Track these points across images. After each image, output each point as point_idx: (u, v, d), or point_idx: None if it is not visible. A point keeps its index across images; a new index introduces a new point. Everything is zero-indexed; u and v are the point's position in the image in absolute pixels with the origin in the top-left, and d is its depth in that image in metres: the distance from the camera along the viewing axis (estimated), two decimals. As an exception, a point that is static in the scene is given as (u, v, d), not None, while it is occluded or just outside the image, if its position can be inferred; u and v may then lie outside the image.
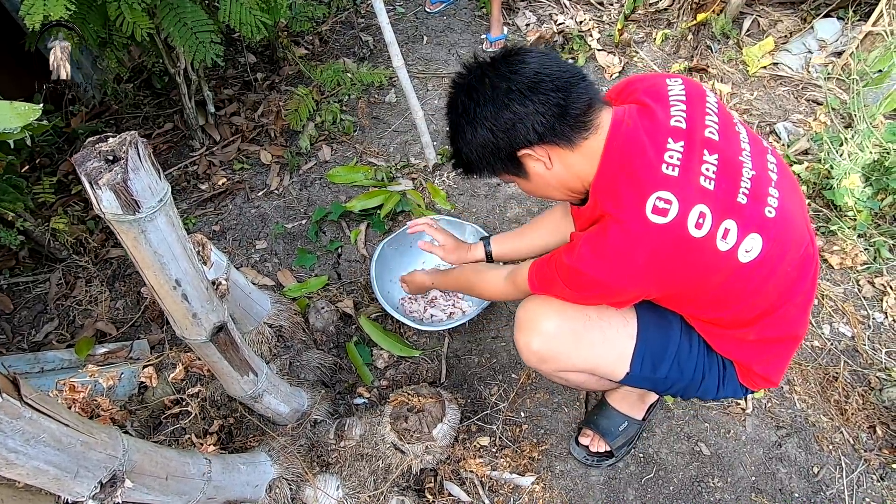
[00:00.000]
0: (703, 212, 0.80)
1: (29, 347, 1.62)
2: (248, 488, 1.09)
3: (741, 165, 0.86)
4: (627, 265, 0.84)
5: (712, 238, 0.81)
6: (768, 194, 0.87)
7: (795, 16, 2.51)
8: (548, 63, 0.87)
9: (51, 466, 0.63)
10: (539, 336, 1.01)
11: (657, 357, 1.01)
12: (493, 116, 0.87)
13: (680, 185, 0.81)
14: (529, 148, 0.88)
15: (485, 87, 0.87)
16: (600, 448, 1.30)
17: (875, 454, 1.33)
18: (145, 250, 0.72)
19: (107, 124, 2.21)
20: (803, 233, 0.92)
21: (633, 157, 0.84)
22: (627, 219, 0.82)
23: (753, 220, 0.84)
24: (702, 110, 0.88)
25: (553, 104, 0.84)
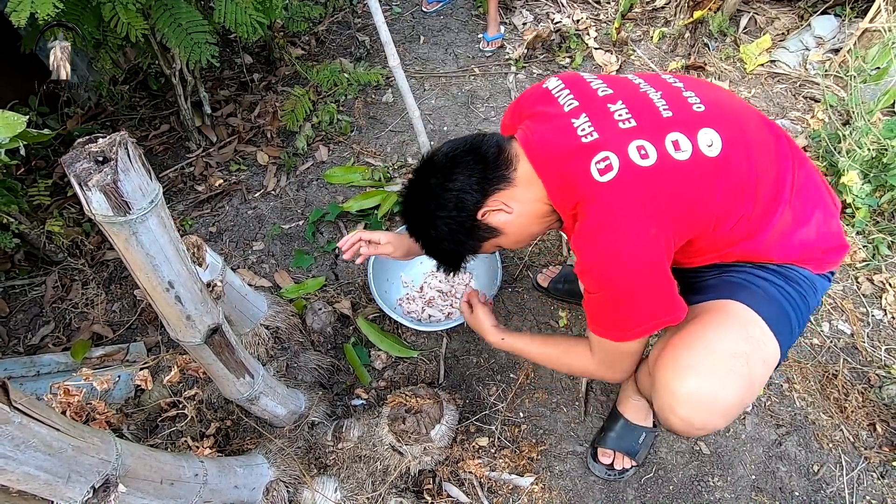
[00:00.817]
0: (640, 144, 0.85)
1: (25, 351, 1.61)
2: (244, 491, 1.09)
3: (646, 94, 0.92)
4: (615, 225, 0.85)
5: (665, 157, 0.84)
6: (685, 98, 0.91)
7: (793, 13, 2.50)
8: (452, 143, 0.99)
9: (42, 472, 0.62)
10: (722, 415, 0.87)
11: (785, 321, 0.94)
12: (439, 206, 0.97)
13: (605, 141, 0.86)
14: (483, 207, 0.96)
15: (419, 193, 1.00)
16: (626, 465, 1.29)
17: (875, 452, 1.32)
18: (137, 252, 0.71)
19: (103, 126, 2.20)
20: (744, 108, 0.95)
21: (556, 152, 0.91)
22: (588, 195, 0.86)
23: (691, 121, 0.87)
24: (584, 84, 0.96)
25: (473, 164, 0.95)
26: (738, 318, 0.92)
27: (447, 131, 2.18)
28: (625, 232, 0.84)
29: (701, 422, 0.87)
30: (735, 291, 0.95)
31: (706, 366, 0.86)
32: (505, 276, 1.66)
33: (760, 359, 0.89)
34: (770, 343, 0.91)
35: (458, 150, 0.97)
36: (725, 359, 0.86)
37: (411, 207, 1.03)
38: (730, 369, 0.85)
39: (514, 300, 1.64)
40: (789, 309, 0.95)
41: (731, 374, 0.85)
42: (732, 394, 0.85)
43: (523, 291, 1.66)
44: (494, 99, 2.29)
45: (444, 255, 1.06)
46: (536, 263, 1.73)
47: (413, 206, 1.03)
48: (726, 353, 0.87)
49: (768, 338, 0.91)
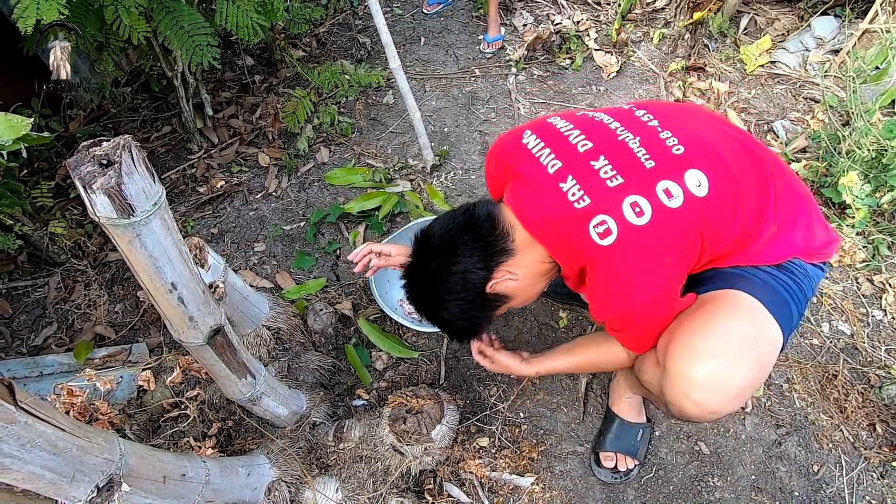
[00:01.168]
0: (634, 201, 0.87)
1: (28, 352, 1.62)
2: (246, 491, 1.09)
3: (624, 143, 0.93)
4: (624, 284, 0.90)
5: (660, 209, 0.86)
6: (663, 140, 0.93)
7: (793, 14, 2.51)
8: (444, 223, 1.01)
9: (47, 471, 0.63)
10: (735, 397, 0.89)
11: (786, 310, 0.97)
12: (447, 290, 0.99)
13: (598, 205, 0.88)
14: (490, 280, 0.98)
15: (424, 279, 1.02)
16: (629, 465, 1.30)
17: (875, 452, 1.33)
18: (140, 254, 0.72)
19: (105, 128, 2.21)
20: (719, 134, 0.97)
21: (551, 220, 0.93)
22: (593, 258, 0.90)
23: (675, 166, 0.89)
24: (561, 138, 0.97)
25: (472, 243, 0.97)
26: (741, 304, 0.94)
27: (448, 132, 2.18)
28: (634, 290, 0.89)
29: (717, 404, 0.89)
30: (734, 281, 0.98)
31: (718, 350, 0.88)
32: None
33: (767, 342, 0.92)
34: (773, 327, 0.94)
35: (452, 230, 0.99)
36: (736, 342, 0.89)
37: (418, 294, 1.05)
38: (740, 352, 0.88)
39: (515, 301, 1.65)
40: (787, 296, 0.97)
41: (742, 356, 0.88)
42: (745, 375, 0.88)
43: (524, 292, 1.67)
44: (495, 100, 2.30)
45: (460, 331, 1.09)
46: (537, 264, 1.73)
47: (420, 293, 1.05)
48: (736, 336, 0.89)
49: (771, 322, 0.93)
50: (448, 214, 1.03)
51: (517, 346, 1.54)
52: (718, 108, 2.18)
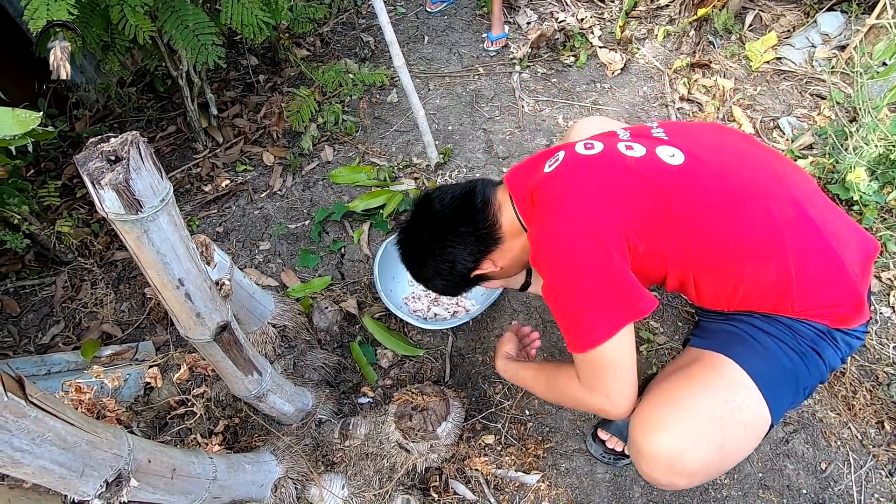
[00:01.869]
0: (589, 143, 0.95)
1: (35, 350, 1.63)
2: (253, 487, 1.10)
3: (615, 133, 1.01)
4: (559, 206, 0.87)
5: (612, 150, 0.91)
6: (652, 136, 0.96)
7: (798, 10, 2.49)
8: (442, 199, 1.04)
9: (56, 466, 0.63)
10: (685, 476, 0.84)
11: (782, 386, 0.88)
12: (436, 272, 1.06)
13: (561, 146, 0.98)
14: (475, 270, 1.05)
15: (416, 249, 1.08)
16: (617, 447, 1.29)
17: (884, 449, 1.32)
18: (148, 250, 0.72)
19: (110, 128, 2.22)
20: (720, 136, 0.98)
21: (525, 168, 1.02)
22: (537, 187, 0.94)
23: (650, 141, 0.93)
24: (570, 144, 1.01)
25: (466, 235, 1.01)
26: (724, 377, 0.87)
27: (452, 130, 2.18)
28: (563, 219, 0.84)
29: (666, 482, 0.85)
30: (732, 344, 0.91)
31: (675, 426, 0.83)
32: (510, 275, 1.66)
33: (741, 423, 0.84)
34: (756, 407, 0.85)
35: (450, 214, 1.02)
36: (698, 421, 0.82)
37: (409, 258, 1.12)
38: (700, 434, 0.82)
39: (520, 299, 1.65)
40: (791, 366, 0.89)
41: (701, 438, 0.82)
42: (698, 459, 0.82)
43: (529, 290, 1.67)
44: (499, 98, 2.30)
45: (443, 293, 1.19)
46: (542, 262, 1.73)
47: (410, 259, 1.11)
48: (700, 415, 0.83)
49: (755, 401, 0.85)
50: (450, 190, 1.05)
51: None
52: (724, 105, 2.17)
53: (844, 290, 0.88)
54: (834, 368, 0.92)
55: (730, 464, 0.88)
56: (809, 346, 0.90)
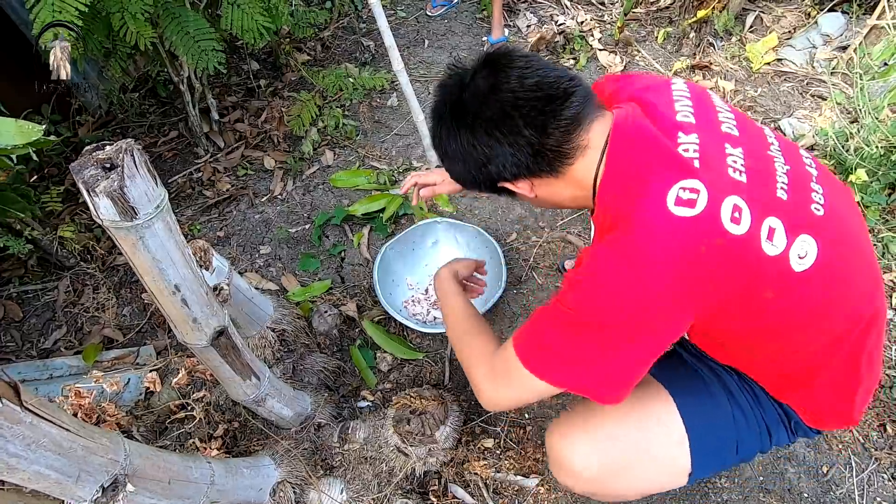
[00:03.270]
0: (739, 205, 0.66)
1: (38, 354, 1.64)
2: (251, 492, 1.10)
3: (772, 160, 0.73)
4: (652, 273, 0.66)
5: (755, 237, 0.66)
6: (811, 189, 0.72)
7: (799, 11, 2.49)
8: (526, 80, 0.74)
9: (52, 471, 0.64)
10: (578, 480, 0.85)
11: (716, 447, 0.85)
12: (464, 155, 0.79)
13: (705, 173, 0.67)
14: (507, 183, 0.81)
15: (457, 117, 0.78)
16: None
17: (886, 452, 1.31)
18: (144, 256, 0.73)
19: (113, 133, 2.24)
20: (861, 239, 0.77)
21: (644, 149, 0.71)
22: (648, 216, 0.67)
23: (801, 219, 0.69)
24: (711, 106, 0.78)
25: (525, 143, 0.74)
26: (654, 411, 0.85)
27: (452, 134, 2.18)
28: (652, 284, 0.66)
29: (564, 483, 0.88)
30: (688, 390, 0.87)
31: (581, 427, 0.85)
32: (510, 278, 1.66)
33: (652, 457, 0.84)
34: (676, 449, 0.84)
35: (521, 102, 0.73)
36: (605, 435, 0.82)
37: (442, 122, 0.81)
38: (603, 450, 0.83)
39: (519, 301, 1.65)
40: (734, 435, 0.85)
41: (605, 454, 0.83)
42: (593, 471, 0.83)
43: (528, 293, 1.67)
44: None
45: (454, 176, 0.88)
46: (541, 265, 1.73)
47: (444, 124, 0.81)
48: (612, 432, 0.82)
49: (676, 442, 0.84)
50: (541, 70, 0.75)
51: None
52: (724, 107, 2.17)
53: (845, 413, 0.83)
54: (779, 445, 0.91)
55: (627, 486, 0.87)
56: (765, 424, 0.86)
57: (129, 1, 1.46)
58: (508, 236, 1.82)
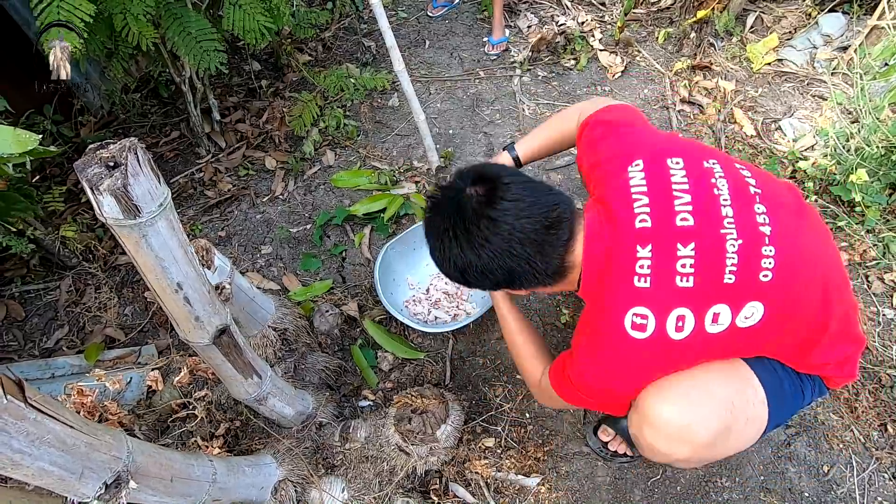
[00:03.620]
0: (682, 315, 0.82)
1: (40, 354, 1.65)
2: (253, 490, 1.10)
3: (723, 240, 0.82)
4: (624, 374, 0.89)
5: (700, 332, 0.82)
6: (762, 257, 0.82)
7: (799, 11, 2.49)
8: (522, 211, 0.87)
9: (55, 467, 0.64)
10: (689, 446, 0.89)
11: (778, 405, 0.95)
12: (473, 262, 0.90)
13: (653, 296, 0.82)
14: (511, 290, 1.00)
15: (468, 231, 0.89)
16: (619, 449, 1.29)
17: (886, 452, 1.31)
18: (147, 254, 0.73)
19: (115, 133, 2.24)
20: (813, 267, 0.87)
21: (607, 273, 0.88)
22: (612, 334, 0.86)
23: (747, 293, 0.82)
24: (668, 194, 0.86)
25: (526, 267, 0.90)
26: (740, 374, 0.92)
27: (453, 134, 2.19)
28: (625, 379, 0.90)
29: (665, 450, 0.90)
30: (749, 361, 0.95)
31: (690, 398, 0.87)
32: (510, 278, 1.67)
33: (746, 416, 0.91)
34: (761, 408, 0.92)
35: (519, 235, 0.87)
36: (713, 400, 0.87)
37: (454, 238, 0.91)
38: (713, 410, 0.87)
39: (519, 301, 1.65)
40: (787, 392, 0.95)
41: (711, 414, 0.87)
42: (706, 433, 0.87)
43: (528, 294, 1.67)
44: (500, 102, 2.30)
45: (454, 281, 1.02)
46: (542, 265, 1.73)
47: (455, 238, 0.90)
48: (715, 395, 0.88)
49: (760, 402, 0.92)
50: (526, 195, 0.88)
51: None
52: (725, 107, 2.17)
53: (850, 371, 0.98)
54: (801, 406, 1.01)
55: (726, 451, 0.94)
56: (799, 383, 0.98)
57: (132, 2, 1.46)
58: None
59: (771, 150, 2.00)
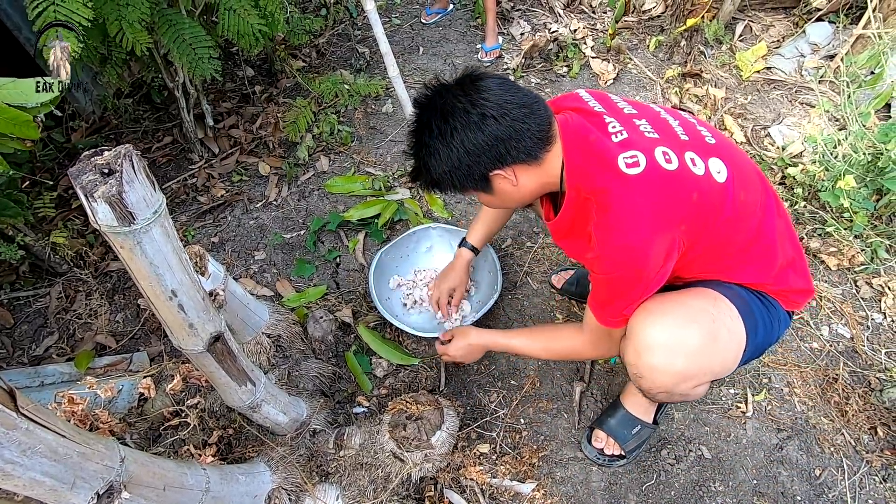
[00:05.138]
0: (665, 150, 0.92)
1: (29, 361, 1.62)
2: (247, 499, 1.09)
3: (665, 120, 1.00)
4: (636, 216, 0.90)
5: (685, 167, 0.91)
6: (699, 130, 1.00)
7: (788, 20, 2.53)
8: (508, 87, 0.95)
9: (47, 477, 0.63)
10: (683, 356, 0.96)
11: (755, 325, 1.02)
12: (469, 141, 0.93)
13: (633, 142, 0.93)
14: (500, 169, 0.97)
15: (458, 112, 0.93)
16: (614, 451, 1.31)
17: (877, 455, 1.32)
18: (141, 261, 0.73)
19: (107, 139, 2.23)
20: (743, 154, 1.05)
21: (588, 142, 0.95)
22: (612, 185, 0.91)
23: (704, 148, 0.95)
24: (610, 101, 1.04)
25: (523, 127, 0.93)
26: (708, 292, 1.01)
27: (446, 140, 2.20)
28: (646, 228, 0.90)
29: (664, 365, 0.97)
30: (711, 284, 1.04)
31: (673, 314, 0.96)
32: (505, 283, 1.67)
33: (726, 327, 0.98)
34: (736, 320, 0.99)
35: (512, 100, 0.93)
36: (689, 309, 0.97)
37: (441, 117, 0.94)
38: (693, 318, 0.96)
39: (514, 307, 1.65)
40: (758, 318, 1.02)
41: (694, 322, 0.96)
42: (696, 337, 0.95)
43: (523, 298, 1.68)
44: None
45: (432, 174, 1.01)
46: (535, 271, 1.74)
47: (442, 116, 0.94)
48: (692, 306, 0.98)
49: (735, 315, 0.99)
50: (515, 84, 0.97)
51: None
52: (715, 114, 2.20)
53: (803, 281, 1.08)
54: (776, 339, 1.09)
55: (717, 363, 1.00)
56: (769, 313, 1.05)
57: (127, 9, 1.46)
58: (503, 242, 1.83)
59: (760, 157, 2.02)
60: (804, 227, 1.77)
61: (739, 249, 1.00)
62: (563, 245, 1.16)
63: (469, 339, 1.31)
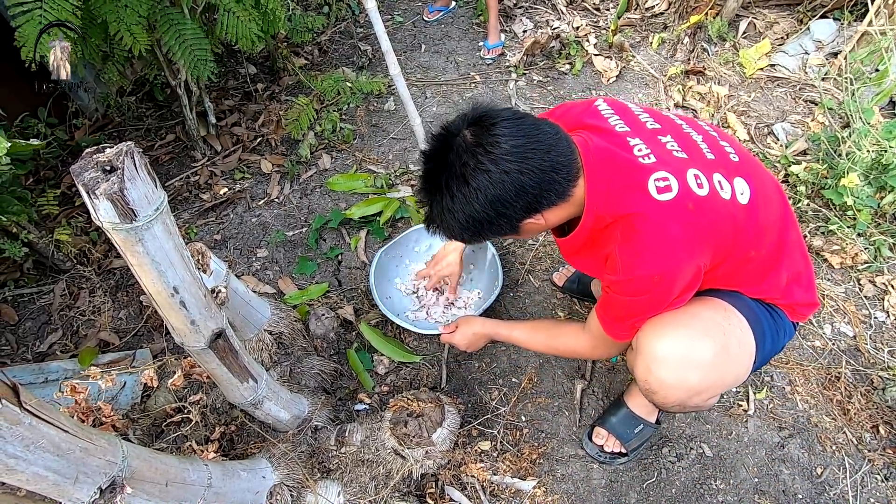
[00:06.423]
0: (696, 174, 0.89)
1: (33, 358, 1.63)
2: (248, 495, 1.10)
3: (689, 135, 0.97)
4: (668, 245, 0.88)
5: (714, 192, 0.89)
6: (722, 146, 0.98)
7: (791, 17, 2.52)
8: (524, 128, 0.86)
9: (50, 472, 0.64)
10: (697, 369, 0.93)
11: (764, 335, 1.01)
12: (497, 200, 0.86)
13: (663, 164, 0.89)
14: (531, 217, 0.91)
15: (478, 173, 0.85)
16: (615, 448, 1.31)
17: (879, 454, 1.32)
18: (143, 258, 0.73)
19: (110, 137, 2.24)
20: (765, 170, 1.04)
21: (613, 164, 0.91)
22: (642, 210, 0.88)
23: (728, 168, 0.94)
24: (631, 113, 1.01)
25: (550, 174, 0.86)
26: (716, 303, 1.00)
27: (448, 138, 2.20)
28: (676, 258, 0.88)
29: (675, 381, 0.95)
30: (720, 294, 1.02)
31: (684, 327, 0.94)
32: (506, 281, 1.67)
33: (736, 337, 0.97)
34: (747, 333, 0.98)
35: (528, 144, 0.85)
36: (700, 321, 0.95)
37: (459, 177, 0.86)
38: (706, 331, 0.94)
39: (516, 304, 1.65)
40: (766, 328, 1.02)
41: (706, 335, 0.94)
42: (707, 351, 0.93)
43: (524, 296, 1.68)
44: (495, 105, 2.31)
45: (450, 235, 0.96)
46: (537, 268, 1.74)
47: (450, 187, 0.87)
48: (702, 317, 0.95)
49: (745, 327, 0.98)
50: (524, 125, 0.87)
51: (513, 348, 1.54)
52: (718, 112, 2.19)
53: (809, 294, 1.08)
54: (779, 349, 1.09)
55: (730, 376, 0.99)
56: (775, 324, 1.05)
57: (125, 11, 1.47)
58: (504, 240, 1.83)
59: (764, 155, 2.02)
60: (807, 224, 1.76)
61: (756, 267, 0.99)
62: (572, 261, 1.12)
63: (473, 328, 1.33)
